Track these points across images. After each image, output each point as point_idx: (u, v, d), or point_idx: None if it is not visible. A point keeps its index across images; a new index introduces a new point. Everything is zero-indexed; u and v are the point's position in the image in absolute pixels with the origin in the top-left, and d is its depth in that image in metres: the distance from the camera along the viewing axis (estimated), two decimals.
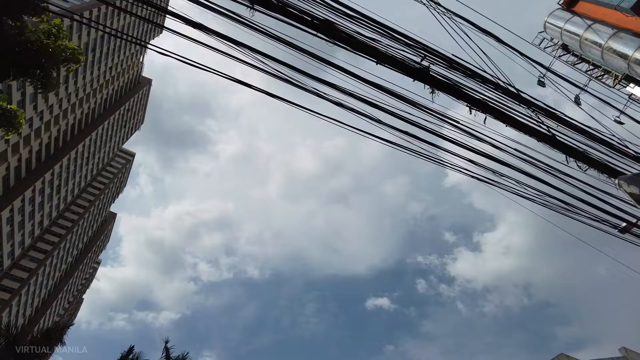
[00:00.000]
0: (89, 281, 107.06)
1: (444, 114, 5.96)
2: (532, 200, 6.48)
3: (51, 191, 63.41)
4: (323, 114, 5.73)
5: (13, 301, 60.32)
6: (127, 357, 23.05)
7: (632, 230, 7.23)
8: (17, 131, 10.90)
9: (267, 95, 5.76)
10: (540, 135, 6.11)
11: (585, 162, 6.13)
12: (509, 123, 6.02)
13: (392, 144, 5.93)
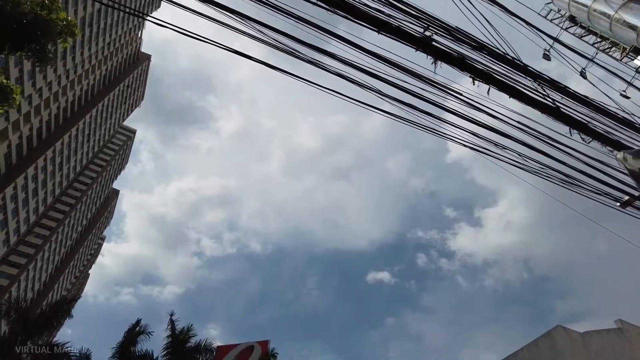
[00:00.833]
0: (94, 257, 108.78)
1: (446, 86, 5.87)
2: (534, 174, 6.45)
3: (53, 169, 63.58)
4: (324, 86, 5.65)
5: (21, 276, 61.50)
6: (134, 329, 23.65)
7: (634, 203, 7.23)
8: (11, 107, 10.79)
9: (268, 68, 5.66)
10: (543, 107, 6.03)
11: (588, 135, 6.07)
12: (513, 95, 5.92)
13: (394, 116, 5.87)
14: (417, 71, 5.72)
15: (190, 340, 24.29)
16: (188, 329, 24.59)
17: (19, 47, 10.01)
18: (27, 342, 23.52)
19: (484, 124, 6.05)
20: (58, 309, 24.66)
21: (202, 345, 24.49)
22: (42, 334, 25.79)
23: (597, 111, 6.61)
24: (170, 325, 24.42)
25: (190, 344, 24.21)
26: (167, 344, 24.12)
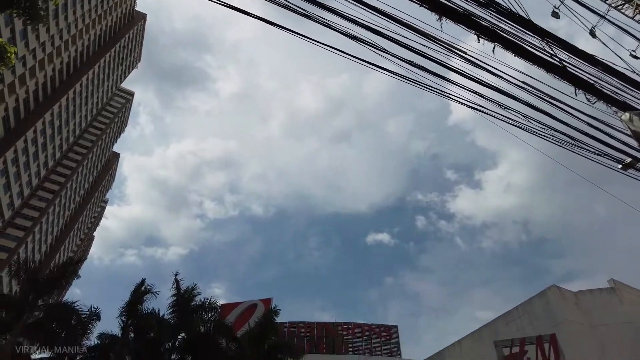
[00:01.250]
0: (98, 219, 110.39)
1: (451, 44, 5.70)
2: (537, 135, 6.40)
3: (52, 132, 63.23)
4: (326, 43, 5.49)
5: (27, 238, 62.69)
6: (139, 289, 24.39)
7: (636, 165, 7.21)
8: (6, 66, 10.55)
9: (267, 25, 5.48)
10: (549, 66, 5.89)
11: (594, 95, 5.96)
12: (519, 53, 5.77)
13: (397, 75, 5.75)
14: (421, 28, 5.54)
15: (194, 298, 25.06)
16: (192, 288, 25.31)
17: (8, 3, 9.65)
18: (38, 301, 24.34)
19: (488, 83, 5.93)
20: (65, 270, 25.31)
21: (207, 304, 25.24)
22: (51, 294, 26.63)
23: (605, 71, 6.45)
24: (175, 285, 25.14)
25: (195, 302, 25.00)
26: (173, 303, 24.94)
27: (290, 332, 44.28)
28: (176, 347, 25.02)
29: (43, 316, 26.08)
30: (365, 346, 45.41)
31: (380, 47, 5.48)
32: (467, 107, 6.26)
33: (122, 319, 24.40)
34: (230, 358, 25.92)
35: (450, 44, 5.75)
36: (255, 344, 25.03)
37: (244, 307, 47.38)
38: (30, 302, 23.96)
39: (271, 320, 26.11)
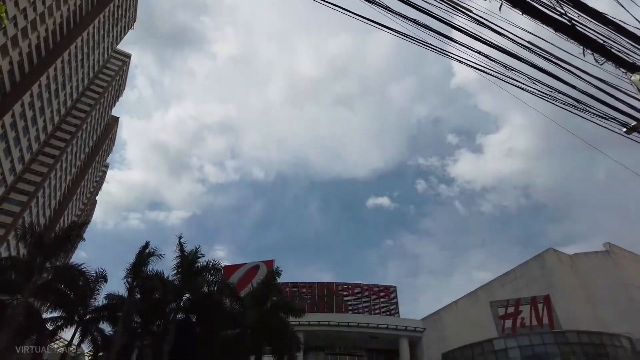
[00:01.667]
0: (100, 184, 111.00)
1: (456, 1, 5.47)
2: (541, 97, 6.27)
3: (49, 96, 62.31)
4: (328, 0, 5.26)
5: (31, 203, 63.31)
6: (144, 251, 24.87)
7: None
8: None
9: None
10: (558, 25, 5.67)
11: (603, 55, 5.77)
12: (526, 11, 5.54)
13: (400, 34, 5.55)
14: None
15: (198, 260, 25.62)
16: (196, 251, 25.81)
17: None
18: (45, 263, 24.93)
19: (493, 43, 5.74)
20: (70, 233, 25.73)
21: (210, 265, 25.81)
22: (58, 256, 27.22)
23: (616, 30, 6.22)
24: (179, 247, 25.62)
25: (199, 264, 25.57)
26: (177, 265, 25.52)
27: (292, 292, 45.62)
28: (181, 307, 25.86)
29: (51, 278, 26.80)
30: (365, 305, 46.91)
31: (383, 5, 5.26)
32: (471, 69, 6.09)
33: (128, 281, 25.06)
34: (233, 317, 26.85)
35: (455, 2, 5.52)
36: (258, 304, 25.84)
37: (247, 268, 48.57)
38: (38, 265, 24.56)
39: (273, 281, 26.80)
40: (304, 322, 35.28)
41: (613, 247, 50.59)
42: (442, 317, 56.29)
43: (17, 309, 23.04)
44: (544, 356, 35.07)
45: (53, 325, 28.20)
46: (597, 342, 35.60)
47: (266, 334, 24.84)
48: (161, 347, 23.63)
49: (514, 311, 39.12)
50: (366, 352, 43.65)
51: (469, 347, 38.60)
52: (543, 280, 46.24)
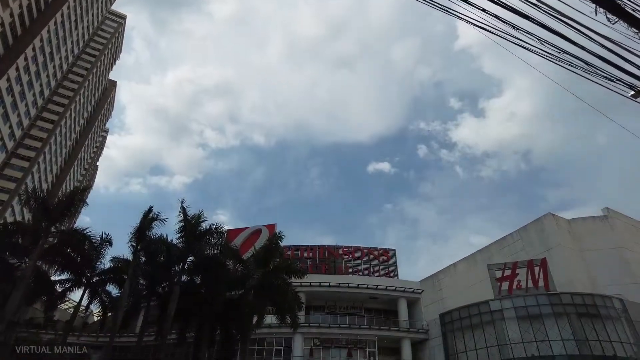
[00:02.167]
0: (100, 149, 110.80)
1: None
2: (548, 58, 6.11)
3: (44, 59, 61.00)
4: None
5: (33, 169, 63.49)
6: (147, 215, 25.21)
7: None
8: None
9: None
10: None
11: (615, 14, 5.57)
12: None
13: None
14: None
15: (201, 224, 26.01)
16: (199, 215, 26.15)
17: None
18: (51, 227, 25.34)
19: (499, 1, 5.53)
20: (73, 197, 25.98)
21: (213, 229, 26.22)
22: (63, 221, 27.64)
23: None
24: (182, 211, 25.95)
25: (202, 227, 25.98)
26: (180, 228, 25.94)
27: (294, 255, 46.62)
28: (185, 269, 26.53)
29: (57, 242, 27.36)
30: (364, 268, 48.05)
31: None
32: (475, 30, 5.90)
33: (133, 244, 25.57)
34: (237, 278, 27.59)
35: None
36: (261, 266, 26.48)
37: (249, 232, 49.37)
38: (44, 229, 24.99)
39: (275, 244, 27.30)
40: (305, 283, 36.27)
41: (611, 212, 51.06)
42: (440, 279, 57.69)
43: (26, 271, 23.67)
44: (538, 316, 36.25)
45: (62, 287, 29.09)
46: (589, 303, 36.69)
47: (269, 294, 25.60)
48: (167, 307, 24.43)
49: (510, 274, 40.05)
50: (365, 312, 45.13)
51: (466, 307, 39.83)
52: (540, 244, 47.01)
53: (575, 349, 34.14)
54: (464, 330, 38.85)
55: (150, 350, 39.67)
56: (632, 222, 52.49)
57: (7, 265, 26.85)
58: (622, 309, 37.34)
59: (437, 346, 40.49)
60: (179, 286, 24.85)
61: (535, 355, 34.57)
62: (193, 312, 26.84)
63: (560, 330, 35.07)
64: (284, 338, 39.08)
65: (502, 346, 36.00)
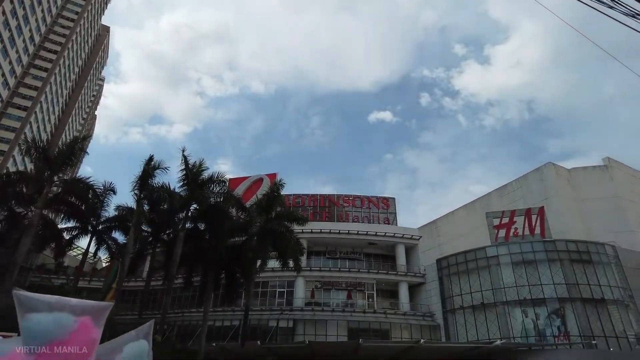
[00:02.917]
0: (97, 98, 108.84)
1: None
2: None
3: (32, 2, 58.17)
4: None
5: (30, 118, 62.71)
6: (149, 164, 25.21)
7: None
8: None
9: None
10: None
11: None
12: None
13: None
14: None
15: (203, 173, 26.09)
16: (200, 163, 26.15)
17: None
18: (53, 177, 25.48)
19: None
20: (74, 147, 25.90)
21: (215, 177, 26.35)
22: (65, 170, 27.77)
23: None
24: (183, 160, 25.92)
25: (204, 176, 26.09)
26: (182, 177, 26.05)
27: (295, 204, 47.31)
28: (189, 216, 26.99)
29: (61, 191, 27.65)
30: (364, 215, 48.95)
31: None
32: None
33: (136, 192, 25.82)
34: (240, 225, 28.18)
35: None
36: (263, 213, 26.92)
37: (251, 181, 49.75)
38: (47, 178, 25.15)
39: (277, 192, 27.56)
40: (306, 230, 37.14)
41: (612, 161, 51.08)
42: (439, 226, 58.95)
43: (33, 219, 24.14)
44: (532, 262, 37.44)
45: (69, 235, 29.84)
46: (583, 250, 37.74)
47: (271, 240, 26.25)
48: (172, 253, 25.16)
49: (508, 221, 40.83)
50: (365, 257, 46.58)
51: (463, 253, 41.02)
52: (539, 194, 47.51)
53: (565, 292, 35.60)
54: (459, 274, 40.30)
55: (157, 294, 41.52)
56: (632, 172, 52.69)
57: (14, 214, 27.34)
58: (614, 255, 38.48)
59: (433, 289, 42.21)
60: (183, 233, 25.40)
61: (527, 298, 36.12)
62: (198, 257, 27.68)
63: (552, 275, 36.38)
64: (287, 281, 40.73)
65: (496, 290, 37.52)
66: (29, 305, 1.82)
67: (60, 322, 1.75)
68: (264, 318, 38.44)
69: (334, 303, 40.45)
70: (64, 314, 1.81)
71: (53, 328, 1.71)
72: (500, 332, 35.61)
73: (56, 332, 1.72)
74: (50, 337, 1.74)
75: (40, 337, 1.73)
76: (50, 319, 1.78)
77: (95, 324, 1.86)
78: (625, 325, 35.11)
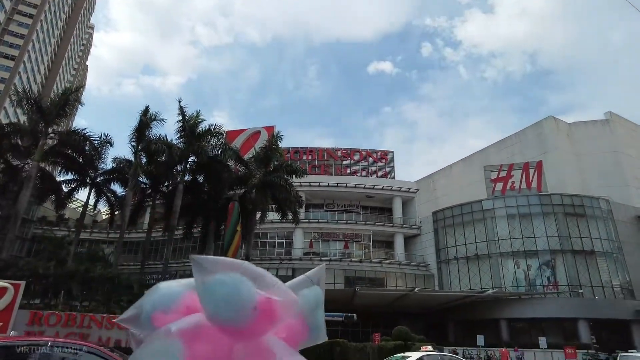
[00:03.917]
0: (88, 47, 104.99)
1: None
2: None
3: None
4: None
5: (19, 68, 60.72)
6: (145, 115, 24.76)
7: None
8: None
9: None
10: None
11: None
12: None
13: None
14: None
15: (200, 124, 25.73)
16: (197, 115, 25.71)
17: None
18: (48, 128, 25.07)
19: None
20: (67, 97, 25.26)
21: (212, 129, 26.01)
22: (59, 121, 27.27)
23: None
24: (180, 111, 25.45)
25: (201, 128, 25.74)
26: (179, 128, 25.70)
27: (293, 157, 47.19)
28: (187, 169, 26.95)
29: (57, 143, 27.33)
30: (362, 169, 49.09)
31: None
32: None
33: (133, 144, 25.56)
34: (239, 178, 28.24)
35: None
36: (262, 166, 26.89)
37: (248, 133, 49.28)
38: (42, 130, 24.74)
39: (275, 145, 27.36)
40: (305, 183, 37.41)
41: (614, 116, 50.59)
42: (436, 180, 59.33)
43: (31, 171, 24.04)
44: (527, 215, 38.11)
45: (68, 187, 29.87)
46: (577, 204, 38.32)
47: (270, 192, 26.43)
48: (172, 205, 25.36)
49: (506, 175, 41.06)
50: (362, 209, 47.26)
51: (459, 206, 41.61)
52: (538, 148, 47.43)
53: (557, 245, 36.57)
54: (455, 226, 41.12)
55: (159, 245, 42.41)
56: (632, 127, 52.37)
57: (11, 166, 27.18)
58: (607, 210, 39.15)
59: (428, 241, 43.25)
60: (182, 185, 25.47)
61: (520, 250, 37.14)
62: (198, 209, 27.96)
63: (546, 228, 37.18)
64: (286, 232, 41.60)
65: (490, 242, 38.47)
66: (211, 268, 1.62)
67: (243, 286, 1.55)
68: (264, 267, 37.94)
69: (331, 253, 41.56)
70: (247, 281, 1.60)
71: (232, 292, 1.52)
72: (492, 282, 36.94)
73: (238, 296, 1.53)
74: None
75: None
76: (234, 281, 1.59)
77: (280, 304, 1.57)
78: (611, 276, 36.45)
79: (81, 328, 13.26)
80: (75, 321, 13.29)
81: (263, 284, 1.62)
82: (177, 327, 1.55)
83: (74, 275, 20.71)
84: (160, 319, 1.69)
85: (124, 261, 39.16)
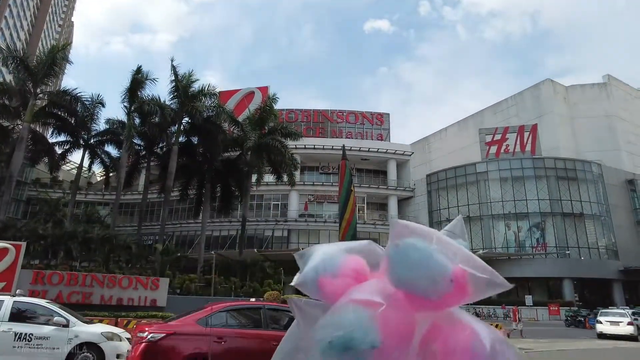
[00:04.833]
0: (72, 2, 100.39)
1: None
2: None
3: None
4: None
5: (1, 24, 58.22)
6: (137, 75, 24.12)
7: None
8: None
9: None
10: None
11: None
12: None
13: None
14: None
15: (193, 85, 25.15)
16: (190, 74, 25.07)
17: None
18: (37, 88, 24.40)
19: None
20: (54, 55, 24.41)
21: (206, 90, 25.47)
22: (48, 81, 26.50)
23: None
24: (172, 70, 24.79)
25: (194, 88, 25.18)
26: (172, 89, 25.12)
27: (288, 119, 46.74)
28: (182, 130, 26.65)
29: (48, 104, 26.70)
30: (358, 131, 48.86)
31: None
32: None
33: (125, 105, 25.07)
34: (233, 139, 28.04)
35: None
36: (257, 128, 26.64)
37: (242, 94, 48.41)
38: (30, 90, 24.09)
39: (270, 106, 26.98)
40: (300, 145, 37.24)
41: (612, 79, 50.09)
42: (431, 142, 59.25)
43: (22, 132, 23.63)
44: (520, 178, 38.62)
45: (61, 149, 29.52)
46: (570, 167, 38.79)
47: (266, 154, 26.38)
48: (167, 166, 25.28)
49: (500, 138, 41.16)
50: (357, 172, 47.51)
51: (452, 169, 41.97)
52: (534, 111, 47.23)
53: (548, 207, 37.34)
54: (448, 189, 41.65)
55: (155, 206, 42.66)
56: (630, 91, 52.02)
57: (1, 127, 26.67)
58: (599, 173, 39.72)
59: (422, 203, 43.91)
60: (177, 146, 25.27)
61: (512, 212, 37.93)
62: (193, 170, 27.92)
63: (537, 191, 37.81)
64: (281, 194, 41.97)
65: (483, 204, 39.15)
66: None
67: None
68: (260, 228, 40.33)
69: (326, 215, 42.17)
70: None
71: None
72: (483, 243, 37.94)
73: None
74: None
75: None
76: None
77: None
78: (598, 238, 37.56)
79: (83, 287, 13.57)
80: (78, 280, 13.59)
81: (459, 255, 1.53)
82: (365, 295, 1.48)
83: (73, 236, 20.93)
84: (328, 284, 1.64)
85: (120, 222, 39.50)
